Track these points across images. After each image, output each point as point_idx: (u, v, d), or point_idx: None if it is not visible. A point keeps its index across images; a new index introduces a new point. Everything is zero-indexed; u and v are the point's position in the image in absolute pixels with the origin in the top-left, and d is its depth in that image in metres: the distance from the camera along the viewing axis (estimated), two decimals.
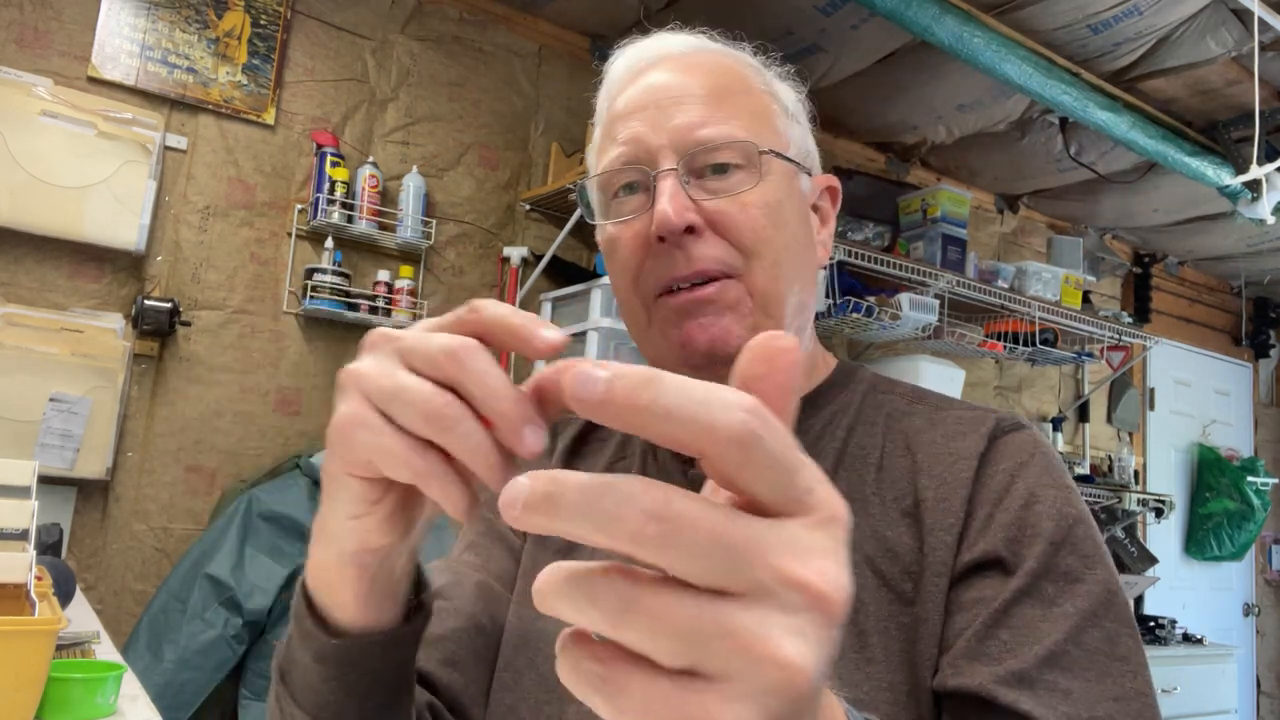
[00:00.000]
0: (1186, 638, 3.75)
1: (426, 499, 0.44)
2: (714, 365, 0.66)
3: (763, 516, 0.26)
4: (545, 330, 0.37)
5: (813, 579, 0.25)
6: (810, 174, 0.73)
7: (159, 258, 2.30)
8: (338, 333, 2.51)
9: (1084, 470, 3.89)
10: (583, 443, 0.80)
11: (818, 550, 0.26)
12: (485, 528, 0.77)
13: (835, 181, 0.76)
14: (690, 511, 0.25)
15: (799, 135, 0.72)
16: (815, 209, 0.74)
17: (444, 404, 0.36)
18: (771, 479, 0.26)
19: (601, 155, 0.70)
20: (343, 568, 0.47)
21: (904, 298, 2.92)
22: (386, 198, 2.56)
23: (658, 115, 0.66)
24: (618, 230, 0.68)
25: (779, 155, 0.68)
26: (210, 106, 2.37)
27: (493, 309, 0.39)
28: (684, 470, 0.72)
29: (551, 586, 0.27)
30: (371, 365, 0.39)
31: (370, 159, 2.54)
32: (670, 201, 0.63)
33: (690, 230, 0.64)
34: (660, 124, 0.66)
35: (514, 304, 2.71)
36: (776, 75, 0.74)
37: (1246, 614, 4.89)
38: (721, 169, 0.66)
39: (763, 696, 0.25)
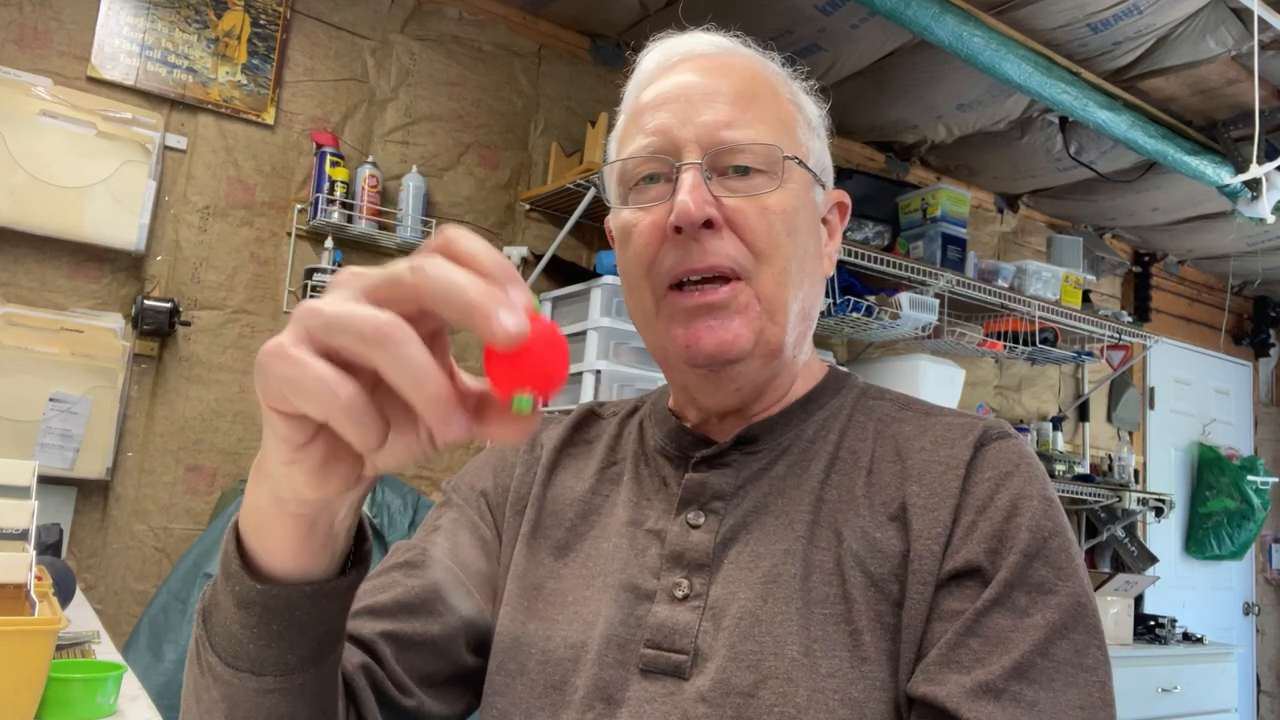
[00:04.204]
0: (1186, 637, 3.74)
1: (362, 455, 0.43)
2: (717, 367, 0.67)
3: None
4: (504, 314, 0.36)
5: None
6: (825, 187, 0.74)
7: (159, 258, 2.30)
8: None
9: (1084, 470, 3.88)
10: (570, 444, 0.81)
11: None
12: (457, 515, 0.77)
13: (846, 198, 0.78)
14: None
15: (818, 149, 0.74)
16: (825, 221, 0.75)
17: (388, 321, 0.36)
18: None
19: (626, 143, 0.71)
20: (277, 514, 0.46)
21: (904, 297, 2.91)
22: (386, 197, 2.56)
23: (687, 110, 0.67)
24: (635, 217, 0.68)
25: (800, 164, 0.69)
26: (210, 106, 2.37)
27: (438, 272, 0.36)
28: (678, 473, 0.72)
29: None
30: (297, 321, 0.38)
31: (370, 159, 2.54)
32: (691, 194, 0.64)
33: (708, 225, 0.65)
34: (688, 118, 0.67)
35: None
36: (802, 88, 0.75)
37: (1246, 613, 4.89)
38: (743, 170, 0.66)
39: None
